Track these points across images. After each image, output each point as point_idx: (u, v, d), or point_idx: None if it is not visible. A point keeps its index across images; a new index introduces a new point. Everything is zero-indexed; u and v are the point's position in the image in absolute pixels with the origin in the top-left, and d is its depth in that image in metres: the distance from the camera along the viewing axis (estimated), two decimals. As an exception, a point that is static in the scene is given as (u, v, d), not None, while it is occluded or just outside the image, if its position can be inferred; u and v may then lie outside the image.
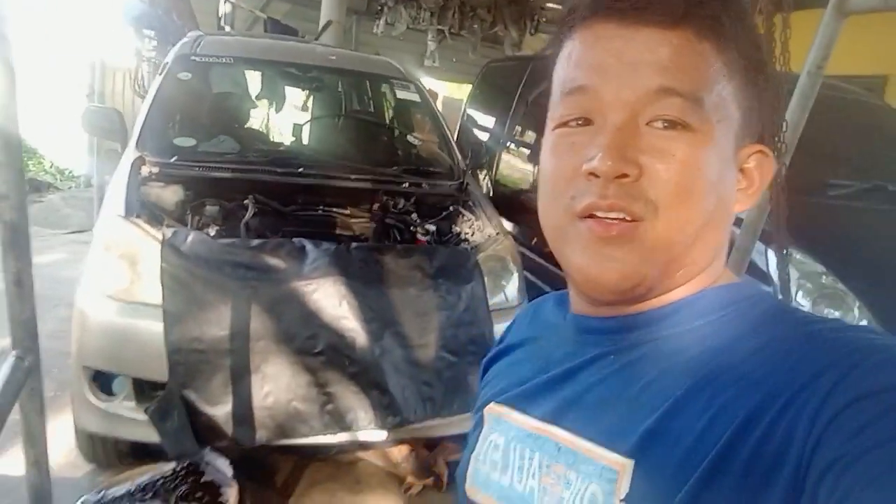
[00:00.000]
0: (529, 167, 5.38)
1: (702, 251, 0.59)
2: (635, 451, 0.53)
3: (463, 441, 0.76)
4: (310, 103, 4.92)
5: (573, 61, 0.59)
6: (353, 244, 2.51)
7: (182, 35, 5.49)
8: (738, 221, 2.15)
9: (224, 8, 7.21)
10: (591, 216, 0.55)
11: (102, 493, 2.23)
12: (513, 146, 5.71)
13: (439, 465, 2.79)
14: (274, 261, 2.34)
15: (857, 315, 2.55)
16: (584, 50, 0.59)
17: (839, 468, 0.43)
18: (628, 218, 0.54)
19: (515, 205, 4.55)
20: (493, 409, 0.70)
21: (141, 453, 2.56)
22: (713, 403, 0.51)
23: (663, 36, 0.55)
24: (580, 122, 0.58)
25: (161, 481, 2.31)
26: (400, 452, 2.87)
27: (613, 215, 0.55)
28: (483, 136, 6.23)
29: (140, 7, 5.81)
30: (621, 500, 0.53)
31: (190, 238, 2.31)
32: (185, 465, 2.37)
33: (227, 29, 7.04)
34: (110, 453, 2.53)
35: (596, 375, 0.60)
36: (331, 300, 2.32)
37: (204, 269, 2.26)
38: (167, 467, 2.39)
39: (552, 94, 0.62)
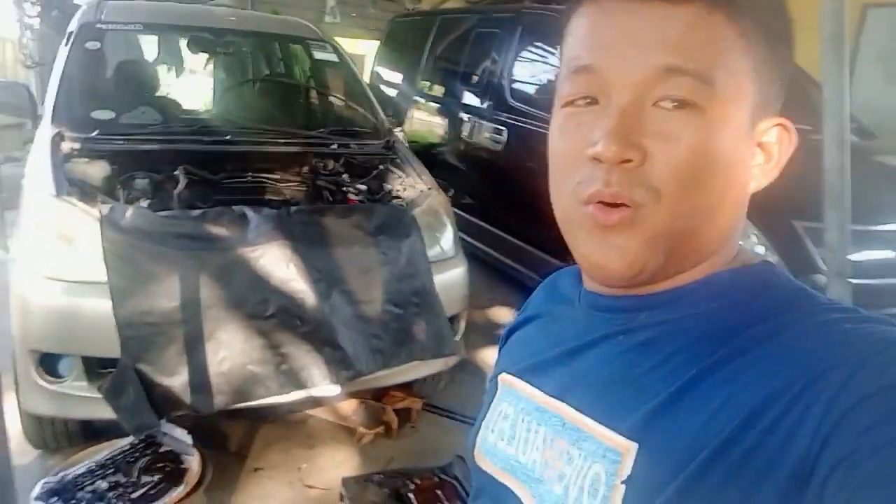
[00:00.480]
0: (440, 121, 5.48)
1: (712, 235, 0.58)
2: (639, 434, 0.53)
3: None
4: (211, 67, 4.81)
5: (579, 38, 0.58)
6: (293, 208, 2.56)
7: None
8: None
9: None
10: (596, 203, 0.55)
11: (61, 474, 2.24)
12: (423, 101, 5.76)
13: (388, 414, 2.93)
14: (217, 230, 2.36)
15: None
16: (590, 26, 0.57)
17: (849, 465, 0.42)
18: (631, 204, 0.54)
19: (429, 160, 4.67)
20: (505, 379, 0.71)
21: (91, 433, 2.57)
22: (721, 391, 0.51)
23: (671, 10, 0.53)
24: (587, 102, 0.57)
25: (121, 456, 2.34)
26: (349, 406, 2.99)
27: (618, 203, 0.54)
28: (392, 93, 6.26)
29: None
30: (623, 482, 0.53)
31: (129, 213, 2.29)
32: (143, 438, 2.40)
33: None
34: (59, 436, 2.51)
35: (605, 354, 0.61)
36: (277, 264, 2.38)
37: (148, 242, 2.26)
38: (123, 442, 2.42)
39: (560, 70, 0.61)
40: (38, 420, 2.44)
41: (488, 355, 3.71)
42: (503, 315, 4.34)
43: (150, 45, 4.78)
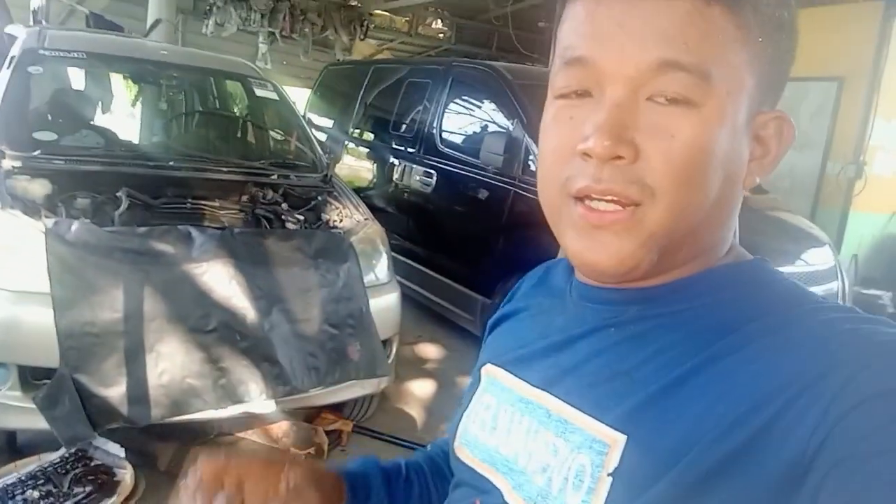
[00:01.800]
0: (370, 164, 5.68)
1: (707, 231, 0.57)
2: (628, 426, 0.52)
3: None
4: (139, 100, 4.86)
5: (574, 27, 0.56)
6: (237, 229, 2.67)
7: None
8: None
9: (38, 1, 6.77)
10: (585, 199, 0.54)
11: (-11, 484, 2.22)
12: (353, 146, 5.96)
13: (319, 436, 3.00)
14: (163, 246, 2.45)
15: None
16: (586, 15, 0.55)
17: (848, 468, 0.42)
18: (624, 201, 0.53)
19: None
20: (489, 370, 0.70)
21: (16, 450, 2.55)
22: (715, 385, 0.50)
23: (669, 2, 0.51)
24: (579, 94, 0.56)
25: (51, 468, 2.34)
26: (280, 428, 3.04)
27: (608, 198, 0.53)
28: (322, 137, 6.43)
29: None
30: (609, 474, 0.52)
31: (74, 227, 2.35)
32: (74, 451, 2.41)
33: (43, 23, 6.64)
34: (-17, 449, 2.48)
35: (595, 346, 0.59)
36: (221, 280, 2.47)
37: (94, 255, 2.31)
38: (53, 456, 2.41)
39: (554, 60, 0.59)
40: (-38, 433, 2.40)
41: (416, 387, 3.84)
42: (430, 351, 4.48)
43: (77, 78, 4.82)
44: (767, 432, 0.46)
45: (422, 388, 3.86)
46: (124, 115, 4.49)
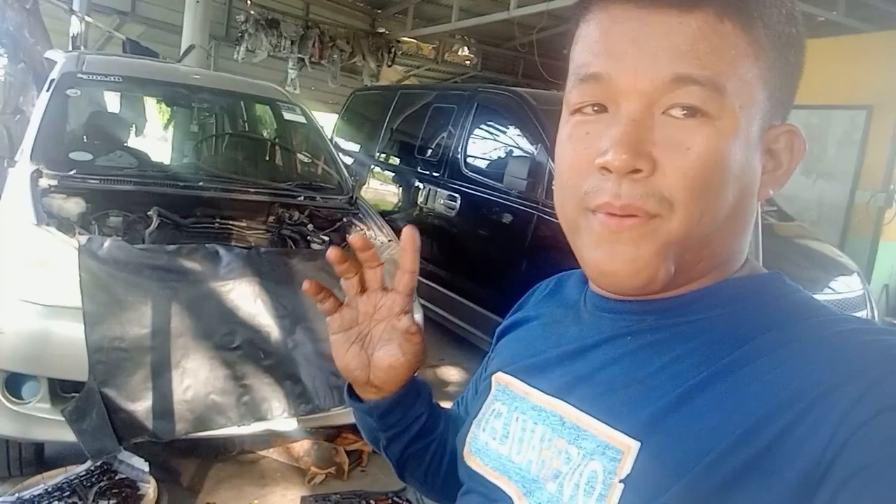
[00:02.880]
0: (395, 188, 5.75)
1: (723, 243, 0.58)
2: (642, 433, 0.52)
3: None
4: (171, 123, 4.99)
5: (588, 45, 0.58)
6: (262, 249, 2.72)
7: (35, 52, 5.36)
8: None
9: (78, 27, 7.00)
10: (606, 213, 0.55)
11: (17, 495, 2.26)
12: (379, 169, 6.03)
13: (340, 455, 3.01)
14: (191, 264, 2.50)
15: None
16: (600, 34, 0.57)
17: (863, 479, 0.42)
18: (642, 215, 0.54)
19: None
20: (500, 378, 0.70)
21: (43, 463, 2.60)
22: (731, 395, 0.50)
23: (681, 19, 0.53)
24: (595, 109, 0.57)
25: (76, 480, 2.38)
26: (301, 447, 3.06)
27: (627, 214, 0.54)
28: (348, 161, 6.53)
29: (-10, 22, 5.57)
30: (621, 481, 0.52)
31: (106, 244, 2.41)
32: (99, 465, 2.45)
33: (81, 48, 6.86)
34: (13, 462, 2.52)
35: (610, 354, 0.60)
36: (246, 299, 2.51)
37: (124, 271, 2.37)
38: (79, 469, 2.46)
39: (569, 77, 0.60)
40: (-7, 442, 2.46)
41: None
42: (452, 374, 4.48)
43: (112, 101, 4.97)
44: (783, 441, 0.46)
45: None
46: (157, 137, 4.62)
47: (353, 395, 0.77)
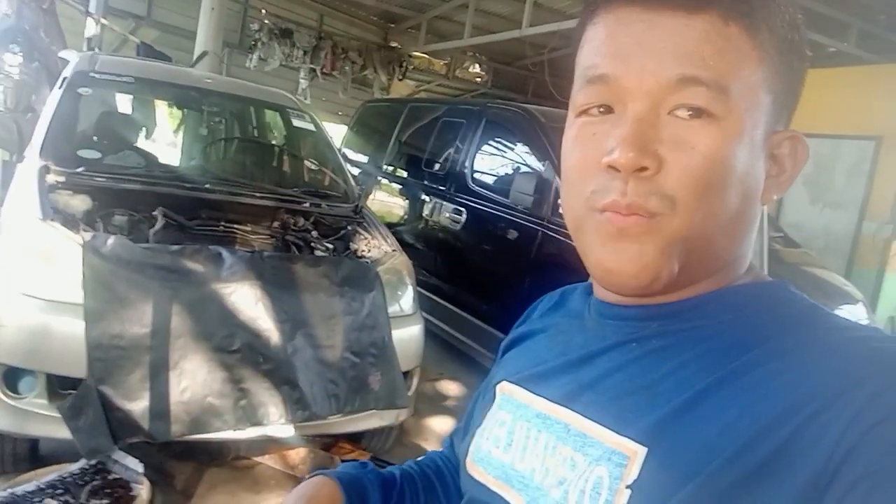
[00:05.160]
0: (401, 200, 5.75)
1: (725, 245, 0.58)
2: (649, 439, 0.52)
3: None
4: (182, 125, 5.01)
5: (595, 47, 0.58)
6: (266, 253, 2.71)
7: (49, 52, 5.40)
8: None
9: (93, 29, 7.07)
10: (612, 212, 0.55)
11: (9, 491, 2.24)
12: (386, 181, 6.04)
13: (336, 464, 2.99)
14: (193, 265, 2.49)
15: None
16: (606, 35, 0.58)
17: (870, 483, 0.42)
18: (645, 214, 0.54)
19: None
20: (504, 388, 0.70)
21: (37, 460, 2.58)
22: (738, 400, 0.50)
23: (687, 21, 0.53)
24: (602, 110, 0.58)
25: (70, 478, 2.35)
26: (297, 455, 3.04)
27: (633, 213, 0.54)
28: (356, 172, 6.54)
29: (7, 21, 5.62)
30: (627, 486, 0.52)
31: (110, 241, 2.41)
32: (93, 464, 2.42)
33: (96, 50, 6.91)
34: (6, 458, 2.50)
35: (616, 361, 0.60)
36: (247, 302, 2.50)
37: (126, 270, 2.36)
38: (72, 467, 2.43)
39: (575, 78, 0.61)
40: (-11, 437, 2.44)
41: (435, 424, 3.82)
42: (452, 388, 4.45)
43: (123, 101, 5.00)
44: (790, 445, 0.46)
45: (442, 426, 3.83)
46: (166, 139, 4.64)
47: None
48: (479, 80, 11.93)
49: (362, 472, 0.79)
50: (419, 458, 0.88)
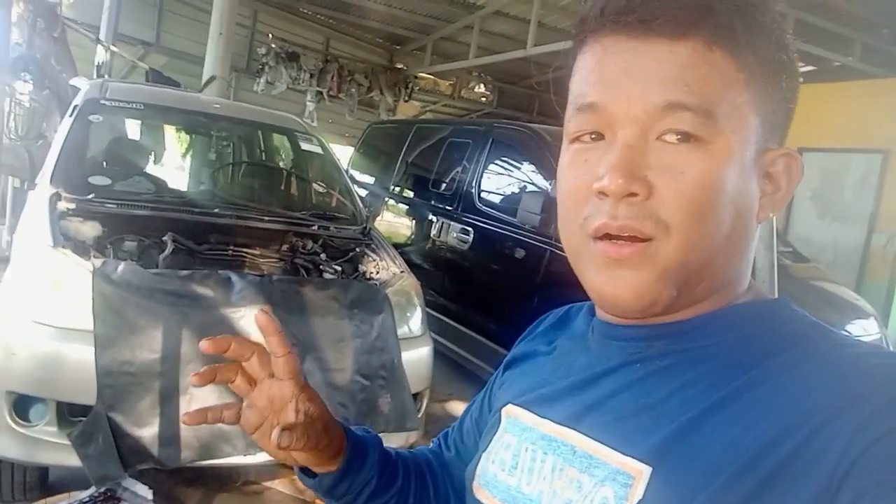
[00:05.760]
0: (408, 221, 5.77)
1: (723, 266, 0.58)
2: (654, 458, 0.53)
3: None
4: (197, 149, 5.06)
5: (584, 76, 0.60)
6: (275, 277, 2.72)
7: (60, 80, 5.46)
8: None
9: (103, 56, 7.17)
10: (605, 237, 0.56)
11: (19, 519, 2.24)
12: (393, 202, 6.06)
13: (346, 489, 2.97)
14: (203, 290, 2.50)
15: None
16: (595, 64, 0.59)
17: (874, 496, 0.43)
18: (639, 237, 0.55)
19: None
20: (510, 411, 0.70)
21: (46, 488, 2.57)
22: (742, 418, 0.50)
23: (670, 48, 0.55)
24: (593, 137, 0.59)
25: (80, 506, 2.35)
26: (307, 479, 3.02)
27: (625, 235, 0.55)
28: (363, 193, 6.57)
29: (18, 49, 5.71)
30: None
31: (120, 268, 2.42)
32: (103, 491, 2.42)
33: (106, 77, 7.00)
34: (17, 487, 2.50)
35: (620, 382, 0.60)
36: (256, 326, 2.50)
37: (136, 296, 2.37)
38: (83, 495, 2.42)
39: (567, 107, 0.62)
40: (-1, 465, 2.44)
41: (444, 445, 3.79)
42: (461, 409, 4.40)
43: (133, 128, 5.05)
44: (794, 461, 0.46)
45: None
46: (175, 164, 4.68)
47: (303, 471, 0.76)
48: (484, 99, 12.01)
49: (368, 437, 0.81)
50: (412, 449, 0.90)
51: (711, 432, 0.51)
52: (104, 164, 3.32)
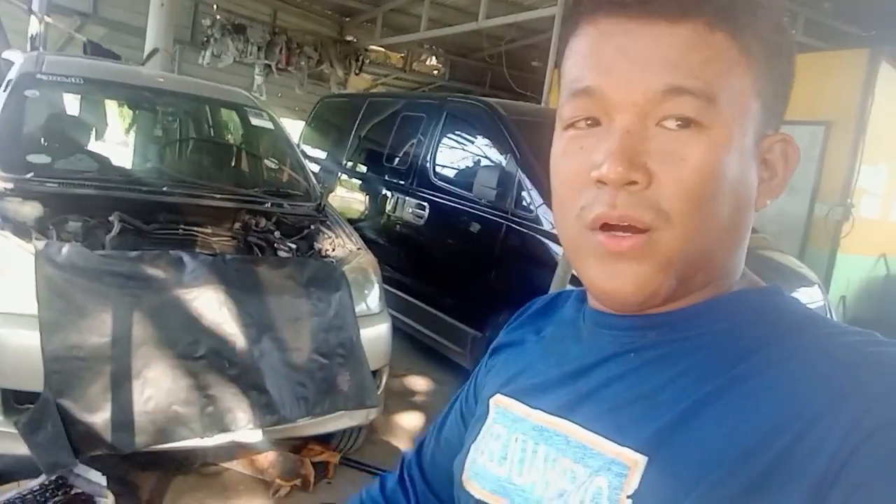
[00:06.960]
0: (362, 196, 5.70)
1: (721, 254, 0.57)
2: (650, 448, 0.52)
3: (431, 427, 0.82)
4: (134, 126, 4.88)
5: (579, 59, 0.58)
6: (228, 256, 2.66)
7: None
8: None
9: (36, 27, 6.83)
10: (603, 227, 0.54)
11: (-35, 511, 2.16)
12: (347, 177, 5.98)
13: (306, 467, 2.95)
14: (154, 271, 2.42)
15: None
16: (590, 47, 0.57)
17: (870, 491, 0.42)
18: (639, 227, 0.53)
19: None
20: (499, 401, 0.69)
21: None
22: (738, 408, 0.50)
23: (671, 30, 0.52)
24: (589, 123, 0.57)
25: (30, 496, 2.28)
26: (266, 459, 2.99)
27: (625, 225, 0.53)
28: (315, 168, 6.46)
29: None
30: (628, 496, 0.51)
31: (65, 249, 2.33)
32: (54, 479, 2.35)
33: (40, 49, 6.69)
34: (-39, 477, 2.42)
35: (614, 371, 0.59)
36: (211, 307, 2.45)
37: (83, 278, 2.29)
38: (32, 483, 2.35)
39: (561, 91, 0.60)
40: (-61, 459, 2.35)
41: (404, 420, 3.80)
42: (420, 384, 4.44)
43: (72, 103, 4.85)
44: (792, 452, 0.46)
45: (410, 421, 3.82)
46: (119, 141, 4.51)
47: None
48: (436, 72, 11.91)
49: None
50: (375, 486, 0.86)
51: (707, 423, 0.51)
52: (43, 141, 3.18)
